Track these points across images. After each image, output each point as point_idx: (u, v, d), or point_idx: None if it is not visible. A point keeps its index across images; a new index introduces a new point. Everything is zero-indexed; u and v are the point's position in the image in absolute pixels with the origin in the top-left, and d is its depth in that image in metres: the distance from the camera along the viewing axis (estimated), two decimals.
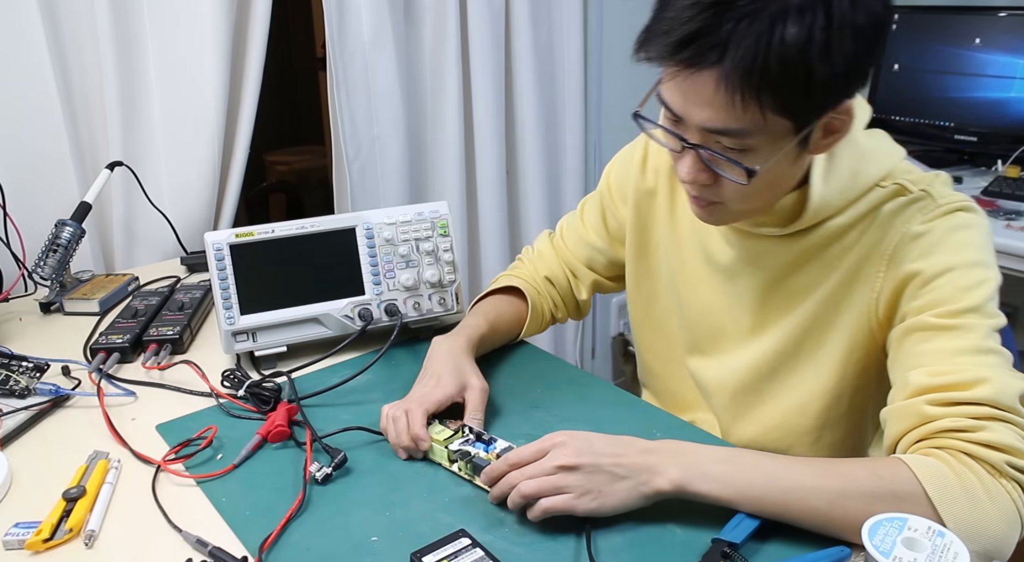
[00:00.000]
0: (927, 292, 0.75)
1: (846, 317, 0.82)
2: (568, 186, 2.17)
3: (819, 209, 0.79)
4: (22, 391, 0.94)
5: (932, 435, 0.69)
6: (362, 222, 1.06)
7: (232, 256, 1.00)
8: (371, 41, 1.66)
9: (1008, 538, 0.65)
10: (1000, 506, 0.65)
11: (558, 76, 2.07)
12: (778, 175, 0.76)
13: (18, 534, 0.71)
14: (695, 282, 0.95)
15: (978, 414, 0.68)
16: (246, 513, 0.75)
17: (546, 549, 0.69)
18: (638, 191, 0.99)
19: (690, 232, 0.94)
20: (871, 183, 0.79)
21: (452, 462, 0.79)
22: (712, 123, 0.70)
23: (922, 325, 0.74)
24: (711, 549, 0.66)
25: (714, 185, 0.76)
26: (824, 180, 0.78)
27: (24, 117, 1.33)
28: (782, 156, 0.72)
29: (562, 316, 1.14)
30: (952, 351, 0.71)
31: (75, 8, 1.36)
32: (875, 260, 0.79)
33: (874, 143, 0.82)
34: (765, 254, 0.86)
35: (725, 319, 0.92)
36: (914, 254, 0.76)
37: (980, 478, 0.65)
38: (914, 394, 0.72)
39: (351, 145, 1.71)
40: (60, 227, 1.23)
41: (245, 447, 0.83)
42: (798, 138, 0.71)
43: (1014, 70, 1.87)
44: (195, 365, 1.01)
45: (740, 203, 0.78)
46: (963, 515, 0.64)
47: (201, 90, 1.48)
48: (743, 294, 0.90)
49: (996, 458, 0.66)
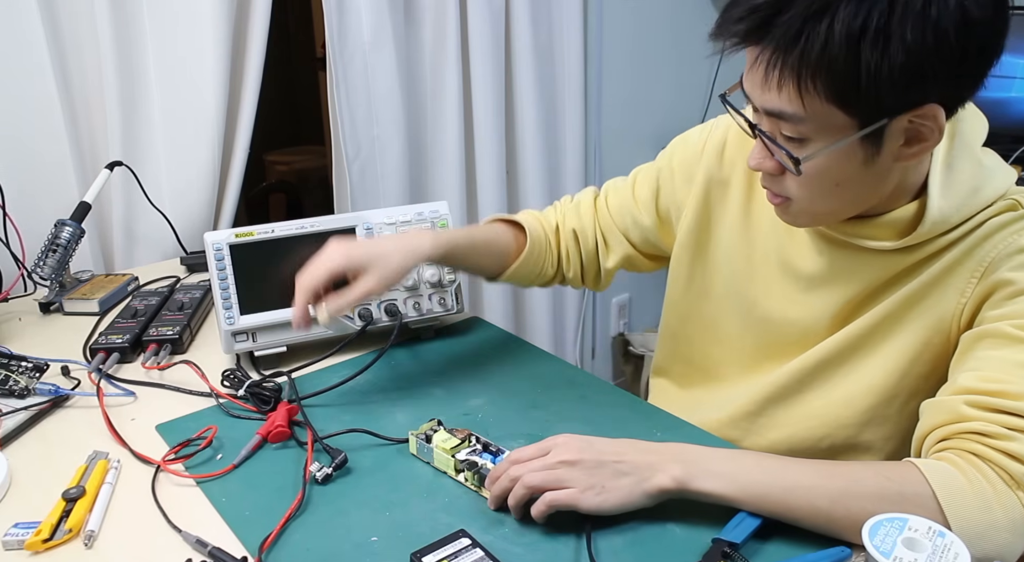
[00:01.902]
0: (1013, 304, 0.72)
1: (926, 318, 0.78)
2: (568, 186, 2.17)
3: (936, 224, 0.75)
4: (22, 391, 0.94)
5: (959, 434, 0.68)
6: (362, 222, 1.06)
7: (232, 256, 1.00)
8: (371, 41, 1.66)
9: (1014, 548, 0.64)
10: (1010, 516, 0.64)
11: (558, 76, 2.07)
12: (846, 176, 0.72)
13: (18, 534, 0.71)
14: (766, 286, 0.90)
15: (1012, 425, 0.66)
16: (246, 513, 0.75)
17: (546, 549, 0.69)
18: (710, 177, 0.94)
19: (769, 234, 0.90)
20: (989, 200, 0.75)
21: (458, 472, 0.79)
22: (766, 104, 0.70)
23: (995, 332, 0.72)
24: (711, 549, 0.66)
25: (779, 178, 0.76)
26: (943, 193, 0.74)
27: (24, 117, 1.33)
28: (843, 154, 0.69)
29: (574, 276, 1.08)
30: (1014, 363, 0.69)
31: (75, 8, 1.36)
32: (971, 266, 0.75)
33: (993, 163, 0.79)
34: (861, 268, 0.81)
35: (796, 330, 0.88)
36: (1012, 265, 0.73)
37: (993, 485, 0.64)
38: (957, 393, 0.70)
39: (351, 145, 1.71)
40: (60, 227, 1.23)
41: (245, 447, 0.83)
42: (860, 135, 0.68)
43: (1014, 70, 1.87)
44: (195, 365, 1.01)
45: (808, 202, 0.76)
46: (971, 520, 0.63)
47: (201, 90, 1.48)
48: (824, 307, 0.85)
49: (1016, 469, 0.64)
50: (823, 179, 0.72)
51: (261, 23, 1.52)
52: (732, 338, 0.96)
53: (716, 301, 0.97)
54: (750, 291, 0.92)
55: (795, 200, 0.76)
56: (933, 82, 0.65)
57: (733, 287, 0.94)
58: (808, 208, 0.77)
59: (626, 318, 2.52)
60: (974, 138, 0.77)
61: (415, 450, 0.83)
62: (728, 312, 0.96)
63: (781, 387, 0.90)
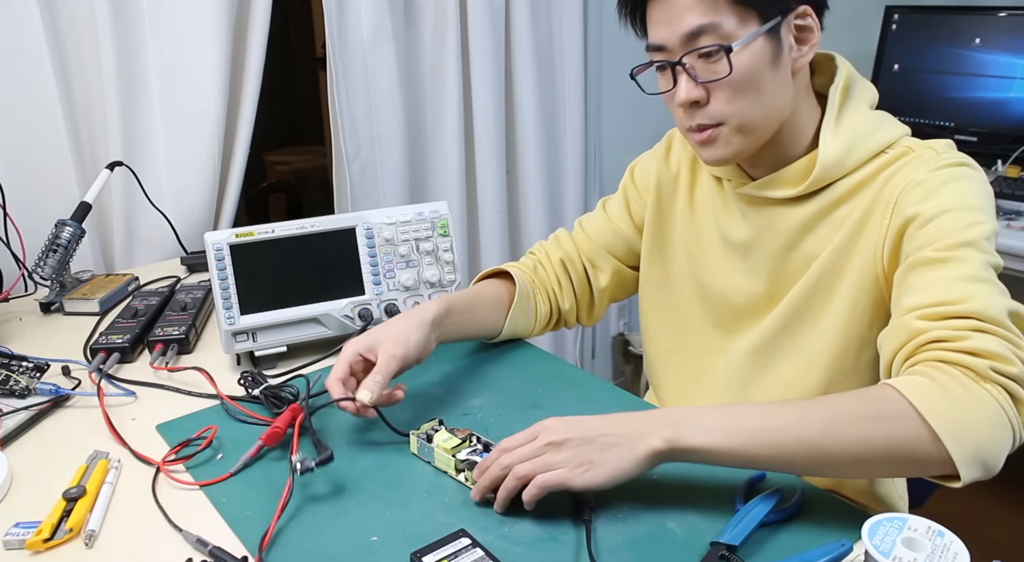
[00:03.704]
0: (925, 231, 0.77)
1: (854, 267, 0.85)
2: (568, 186, 2.17)
3: (828, 167, 0.84)
4: (22, 391, 0.94)
5: (919, 348, 0.71)
6: (362, 222, 1.06)
7: (232, 256, 1.00)
8: (371, 41, 1.67)
9: (998, 440, 0.66)
10: (985, 407, 0.66)
11: (558, 76, 2.07)
12: (762, 78, 0.81)
13: (18, 534, 0.71)
14: (714, 264, 0.98)
15: (962, 326, 0.70)
16: (246, 513, 0.75)
17: (546, 549, 0.69)
18: (660, 177, 1.04)
19: (709, 213, 0.98)
20: (880, 147, 0.84)
21: (459, 471, 0.79)
22: (686, 26, 0.80)
23: (920, 260, 0.76)
24: (709, 553, 0.66)
25: (708, 104, 0.83)
26: (833, 139, 0.84)
27: (24, 117, 1.33)
28: (756, 51, 0.80)
29: (570, 307, 1.09)
30: (947, 278, 0.74)
31: (75, 8, 1.36)
32: (880, 209, 0.82)
33: (882, 116, 0.88)
34: (777, 221, 0.90)
35: (743, 298, 0.95)
36: (915, 198, 0.80)
37: (963, 384, 0.66)
38: (905, 313, 0.74)
39: (351, 145, 1.71)
40: (60, 227, 1.23)
41: (245, 453, 0.82)
42: (764, 28, 0.80)
43: (1014, 70, 1.88)
44: (205, 371, 0.99)
45: (738, 117, 0.83)
46: (951, 420, 0.65)
47: (201, 90, 1.48)
48: (758, 269, 0.93)
49: (978, 364, 0.67)
50: (747, 82, 0.81)
51: (261, 23, 1.52)
52: (694, 322, 1.01)
53: (676, 289, 1.03)
54: (702, 272, 0.99)
55: (726, 120, 0.83)
56: None
57: (689, 272, 1.01)
58: (737, 124, 0.83)
59: (626, 318, 2.52)
60: (863, 99, 0.88)
61: (416, 449, 0.83)
62: (687, 297, 1.02)
63: (745, 364, 0.94)
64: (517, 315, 1.03)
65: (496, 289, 1.04)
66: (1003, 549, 1.58)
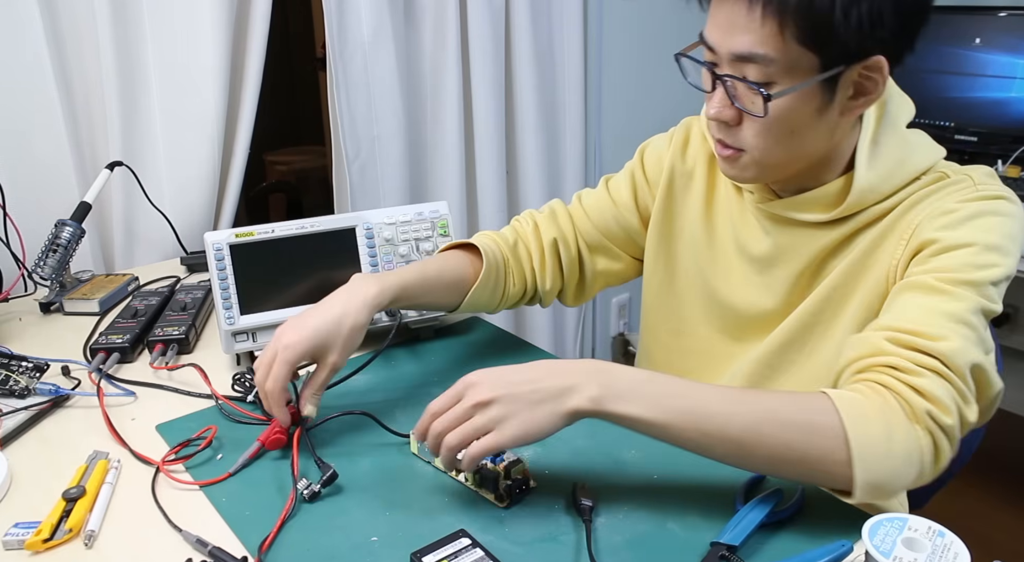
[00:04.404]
0: (938, 260, 0.76)
1: (867, 286, 0.83)
2: (568, 186, 2.17)
3: (863, 194, 0.80)
4: (22, 391, 0.94)
5: (874, 367, 0.71)
6: (362, 222, 1.06)
7: (232, 256, 1.00)
8: (371, 41, 1.67)
9: (904, 478, 0.68)
10: (906, 446, 0.67)
11: (558, 76, 2.07)
12: (801, 124, 0.76)
13: (18, 534, 0.71)
14: (726, 273, 0.95)
15: (923, 363, 0.69)
16: (246, 513, 0.75)
17: (546, 549, 0.69)
18: (674, 170, 0.99)
19: (726, 221, 0.95)
20: (916, 173, 0.81)
21: (458, 472, 0.79)
22: (738, 47, 0.73)
23: (919, 284, 0.75)
24: (709, 553, 0.66)
25: (735, 129, 0.79)
26: (869, 165, 0.80)
27: (24, 117, 1.33)
28: (802, 98, 0.74)
29: (551, 287, 1.05)
30: (934, 310, 0.72)
31: (75, 8, 1.36)
32: (900, 230, 0.80)
33: (920, 138, 0.84)
34: (802, 243, 0.86)
35: (755, 311, 0.92)
36: (938, 225, 0.77)
37: (894, 417, 0.67)
38: (879, 329, 0.73)
39: (351, 145, 1.71)
40: (60, 227, 1.23)
41: (243, 455, 0.82)
42: (820, 77, 0.73)
43: (1014, 70, 1.87)
44: (200, 368, 0.99)
45: (760, 152, 0.79)
46: (870, 448, 0.66)
47: (201, 90, 1.48)
48: (776, 286, 0.90)
49: (918, 403, 0.67)
50: (781, 125, 0.76)
51: (261, 23, 1.52)
52: (699, 325, 0.99)
53: (681, 291, 1.00)
54: (711, 278, 0.96)
55: (748, 150, 0.79)
56: (886, 32, 0.72)
57: (696, 275, 0.98)
58: (759, 159, 0.80)
59: (626, 318, 2.52)
60: (900, 119, 0.83)
61: (416, 449, 0.83)
62: (692, 301, 0.99)
63: (751, 375, 0.92)
64: (479, 293, 0.98)
65: (460, 265, 0.98)
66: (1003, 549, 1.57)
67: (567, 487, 0.76)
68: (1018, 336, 2.28)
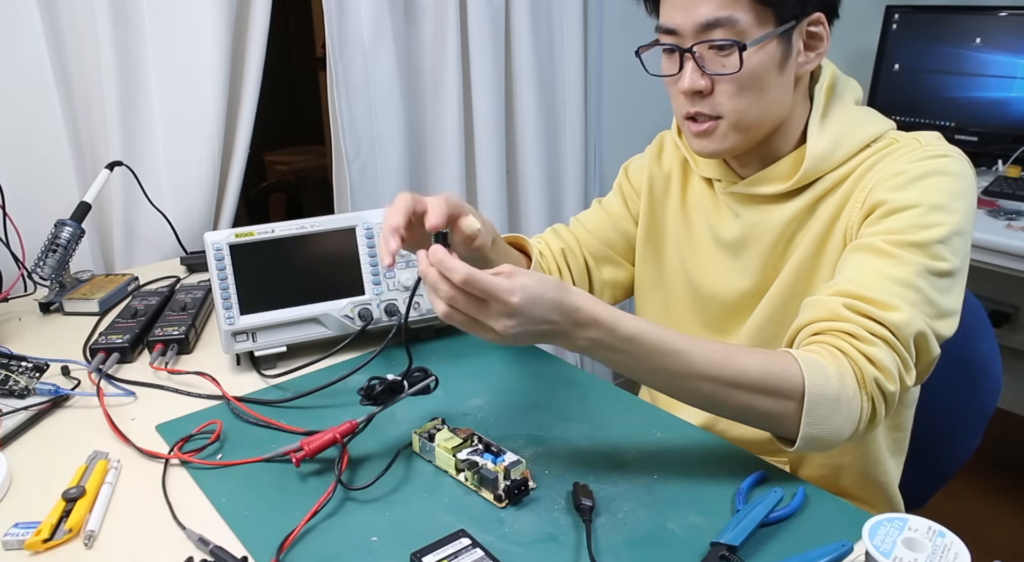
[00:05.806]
0: (887, 221, 0.80)
1: (830, 253, 0.87)
2: (568, 186, 2.17)
3: (816, 161, 0.86)
4: (22, 391, 0.94)
5: (831, 331, 0.76)
6: (362, 222, 1.06)
7: (232, 256, 1.00)
8: (371, 41, 1.67)
9: (842, 435, 0.73)
10: (851, 408, 0.73)
11: (558, 76, 2.07)
12: (767, 80, 0.83)
13: (18, 534, 0.71)
14: (705, 264, 1.00)
15: (877, 332, 0.74)
16: (246, 513, 0.75)
17: (546, 549, 0.69)
18: (653, 176, 1.06)
19: (701, 215, 1.00)
20: (867, 140, 0.87)
21: (459, 471, 0.79)
22: (703, 16, 0.80)
23: (869, 246, 0.79)
24: (710, 553, 0.66)
25: (709, 98, 0.84)
26: (820, 134, 0.87)
27: (24, 117, 1.33)
28: (766, 53, 0.81)
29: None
30: (883, 275, 0.77)
31: (75, 8, 1.36)
32: (856, 194, 0.85)
33: (868, 113, 0.90)
34: (768, 217, 0.92)
35: (732, 295, 0.97)
36: (888, 187, 0.82)
37: (847, 381, 0.72)
38: (837, 294, 0.78)
39: (351, 145, 1.71)
40: (60, 227, 1.23)
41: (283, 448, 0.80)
42: (780, 30, 0.81)
43: (1014, 70, 1.87)
44: (210, 376, 0.98)
45: (737, 114, 0.84)
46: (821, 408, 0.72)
47: (201, 90, 1.48)
48: (748, 266, 0.95)
49: (868, 371, 0.73)
50: (751, 81, 0.83)
51: (261, 23, 1.52)
52: (682, 320, 1.03)
53: (669, 287, 1.06)
54: (693, 270, 1.02)
55: (725, 115, 0.85)
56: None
57: (681, 273, 1.03)
58: (735, 121, 0.85)
59: None
60: (847, 96, 0.90)
61: (418, 448, 0.83)
62: (679, 297, 1.04)
63: None
64: None
65: (517, 256, 1.02)
66: (1003, 549, 1.58)
67: (567, 487, 0.76)
68: (1018, 336, 2.28)
